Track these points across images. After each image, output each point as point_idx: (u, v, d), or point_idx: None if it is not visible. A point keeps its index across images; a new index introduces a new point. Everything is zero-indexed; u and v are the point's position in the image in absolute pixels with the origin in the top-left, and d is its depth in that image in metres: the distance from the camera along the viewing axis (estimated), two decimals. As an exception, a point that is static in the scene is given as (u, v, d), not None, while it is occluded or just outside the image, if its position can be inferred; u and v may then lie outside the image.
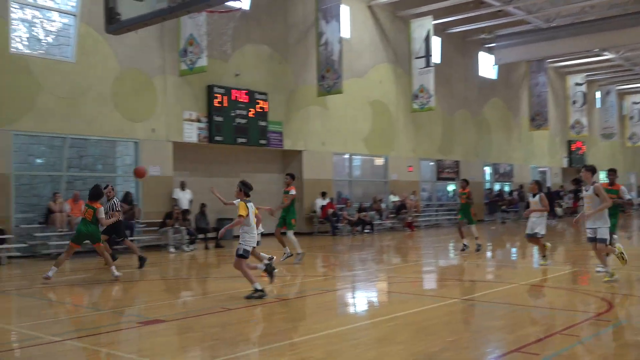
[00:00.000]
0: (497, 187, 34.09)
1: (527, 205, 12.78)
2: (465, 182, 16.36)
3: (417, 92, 25.28)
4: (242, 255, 8.83)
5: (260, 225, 10.70)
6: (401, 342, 6.41)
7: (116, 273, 11.17)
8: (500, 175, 34.74)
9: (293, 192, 13.35)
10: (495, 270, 13.33)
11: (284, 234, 13.50)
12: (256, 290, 8.77)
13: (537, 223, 12.36)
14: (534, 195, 12.45)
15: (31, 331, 7.12)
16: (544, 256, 12.45)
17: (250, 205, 8.96)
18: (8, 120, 15.39)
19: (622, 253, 10.66)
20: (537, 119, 33.88)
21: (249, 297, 8.73)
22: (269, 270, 9.39)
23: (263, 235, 12.15)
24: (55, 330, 7.28)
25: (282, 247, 13.49)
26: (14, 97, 15.48)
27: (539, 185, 12.72)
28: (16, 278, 11.06)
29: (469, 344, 6.37)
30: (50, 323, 7.83)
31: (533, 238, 12.46)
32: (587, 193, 9.85)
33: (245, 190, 9.04)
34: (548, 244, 12.85)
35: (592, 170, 10.02)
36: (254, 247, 9.24)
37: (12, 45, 15.66)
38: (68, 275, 12.80)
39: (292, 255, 13.33)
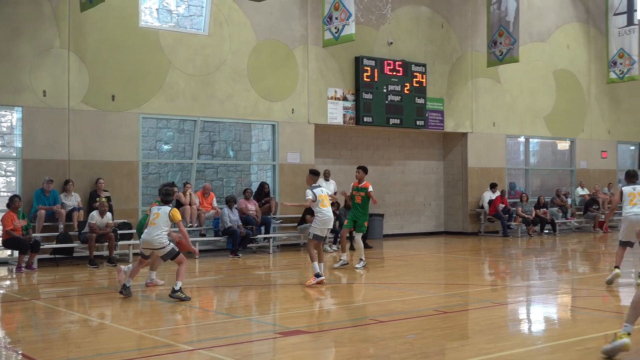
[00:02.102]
0: None
1: None
2: None
3: (615, 57, 24.02)
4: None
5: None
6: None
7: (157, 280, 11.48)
8: None
9: (371, 188, 14.17)
10: None
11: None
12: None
13: None
14: None
15: (160, 337, 7.63)
16: None
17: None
18: (136, 102, 16.52)
19: None
20: None
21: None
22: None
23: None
24: (186, 338, 7.76)
25: (342, 252, 14.41)
26: (143, 75, 16.58)
27: None
28: (142, 278, 11.86)
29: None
30: (180, 329, 8.36)
31: None
32: None
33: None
34: None
35: None
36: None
37: (142, 18, 16.78)
38: (197, 277, 13.57)
39: (346, 263, 14.04)
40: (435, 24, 21.69)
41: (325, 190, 11.74)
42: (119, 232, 15.13)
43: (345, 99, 19.65)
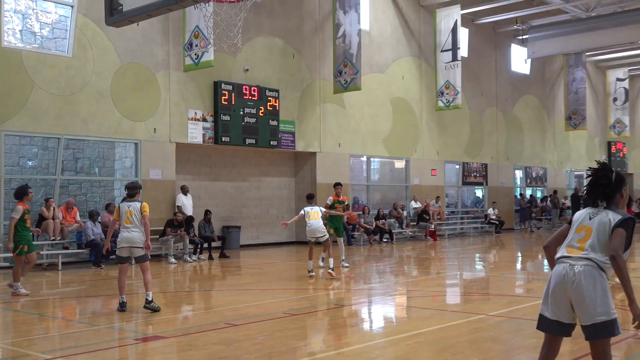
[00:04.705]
0: (528, 192, 33.91)
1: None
2: None
3: (442, 88, 25.20)
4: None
5: None
6: (421, 363, 6.39)
7: (22, 290, 10.99)
8: (532, 179, 34.56)
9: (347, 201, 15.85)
10: (525, 284, 13.24)
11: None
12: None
13: None
14: None
15: (19, 348, 7.18)
16: None
17: (128, 205, 9.68)
18: (-1, 119, 15.53)
19: None
20: (574, 118, 33.65)
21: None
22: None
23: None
24: (46, 347, 7.35)
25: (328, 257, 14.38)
26: (5, 94, 15.60)
27: None
28: (1, 290, 11.20)
29: (495, 366, 6.33)
30: (40, 339, 7.90)
31: None
32: None
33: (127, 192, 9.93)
34: None
35: None
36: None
37: (5, 38, 15.81)
38: (60, 288, 12.92)
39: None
40: (288, 54, 21.93)
41: (315, 208, 13.58)
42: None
43: (204, 120, 19.43)
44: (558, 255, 4.61)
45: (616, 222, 4.44)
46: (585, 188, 4.75)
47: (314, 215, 13.42)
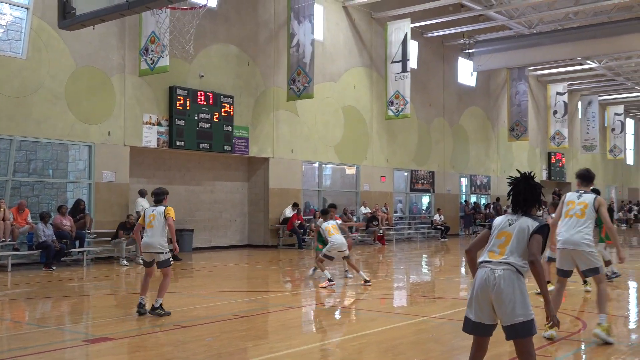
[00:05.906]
0: (473, 199, 34.45)
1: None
2: None
3: (392, 98, 25.40)
4: None
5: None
6: (365, 364, 6.40)
7: None
8: (477, 187, 35.12)
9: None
10: (468, 288, 13.40)
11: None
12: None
13: None
14: None
15: (-34, 349, 6.97)
16: None
17: (153, 209, 9.44)
18: (-50, 119, 15.05)
19: None
20: (517, 129, 34.37)
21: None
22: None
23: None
24: (-7, 349, 7.14)
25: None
26: (-43, 94, 15.16)
27: None
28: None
29: (436, 366, 6.39)
30: (-12, 340, 7.68)
31: None
32: None
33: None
34: None
35: None
36: None
37: (-43, 38, 15.36)
38: (10, 289, 12.58)
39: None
40: (243, 61, 21.83)
41: (332, 222, 12.90)
42: None
43: (159, 124, 19.18)
44: (480, 259, 4.77)
45: (534, 229, 4.64)
46: (510, 197, 4.87)
47: (334, 229, 12.84)
